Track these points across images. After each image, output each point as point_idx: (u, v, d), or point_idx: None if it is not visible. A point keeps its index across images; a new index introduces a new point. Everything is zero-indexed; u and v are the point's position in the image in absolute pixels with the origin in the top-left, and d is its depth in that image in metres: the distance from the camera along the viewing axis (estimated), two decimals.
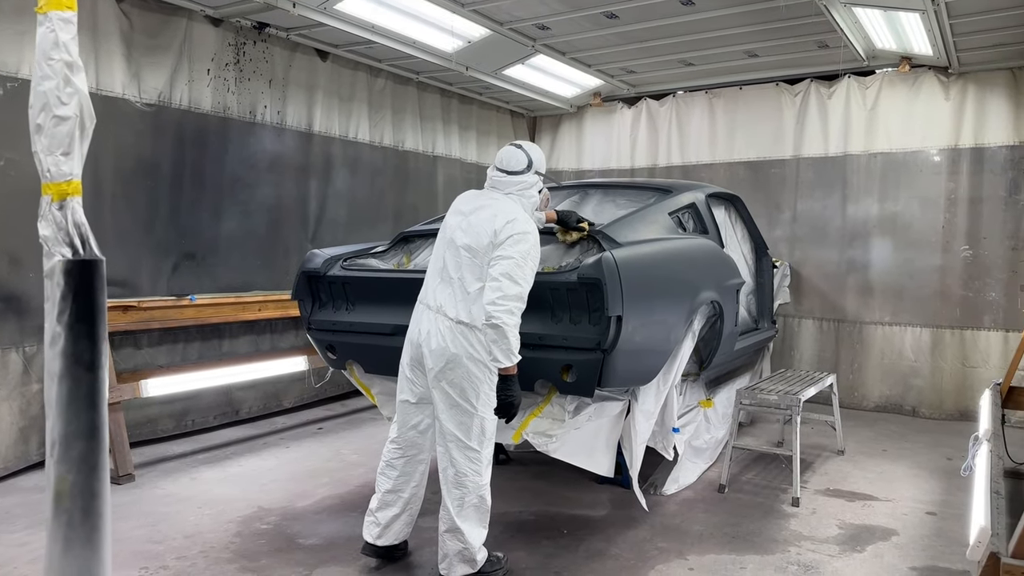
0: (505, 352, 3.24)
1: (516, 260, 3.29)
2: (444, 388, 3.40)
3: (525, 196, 3.59)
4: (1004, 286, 6.97)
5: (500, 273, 3.27)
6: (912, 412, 7.34)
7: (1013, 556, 2.30)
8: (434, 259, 3.61)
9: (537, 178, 3.65)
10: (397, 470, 3.65)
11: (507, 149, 3.67)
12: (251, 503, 4.53)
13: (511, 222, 3.38)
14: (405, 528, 3.72)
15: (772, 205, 8.04)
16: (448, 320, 3.41)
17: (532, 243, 3.38)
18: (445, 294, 3.47)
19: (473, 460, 3.42)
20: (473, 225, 3.47)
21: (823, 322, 7.89)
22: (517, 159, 3.61)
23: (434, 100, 8.13)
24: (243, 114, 6.21)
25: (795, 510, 4.57)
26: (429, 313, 3.49)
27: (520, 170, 3.60)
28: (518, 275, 3.28)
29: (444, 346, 3.38)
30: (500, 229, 3.37)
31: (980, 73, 7.04)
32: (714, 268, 4.76)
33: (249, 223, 6.34)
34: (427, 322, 3.49)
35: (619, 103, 9.06)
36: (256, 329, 6.49)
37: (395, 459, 3.66)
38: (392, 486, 3.65)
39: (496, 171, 3.64)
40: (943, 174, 7.23)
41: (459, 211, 3.61)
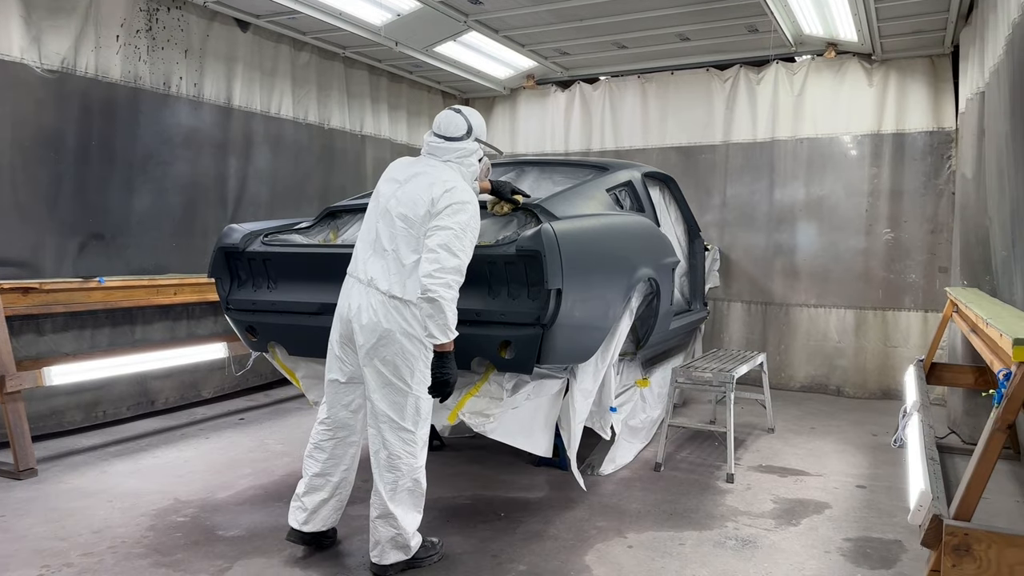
0: (441, 328, 3.06)
1: (455, 231, 3.12)
2: (376, 366, 3.22)
3: (464, 164, 3.42)
4: (923, 268, 7.20)
5: (437, 244, 3.09)
6: (837, 391, 7.52)
7: (955, 518, 2.29)
8: (365, 229, 3.41)
9: (477, 146, 3.48)
10: (326, 452, 3.46)
11: (446, 113, 3.49)
12: (167, 495, 4.24)
13: (449, 191, 3.20)
14: (333, 514, 3.52)
15: (703, 190, 8.10)
16: (380, 294, 3.22)
17: (472, 213, 3.20)
18: (378, 267, 3.27)
19: (407, 442, 3.25)
20: (409, 194, 3.29)
21: (751, 305, 8.00)
22: (456, 124, 3.44)
23: (362, 77, 7.85)
24: (156, 85, 5.82)
25: (730, 486, 4.57)
26: (360, 286, 3.30)
27: (459, 136, 3.42)
28: (456, 247, 3.10)
29: (376, 321, 3.19)
30: (438, 198, 3.19)
31: (901, 60, 7.24)
32: (651, 245, 4.70)
33: (163, 202, 5.96)
34: (358, 296, 3.29)
35: (553, 86, 8.97)
36: (172, 314, 6.13)
37: (324, 441, 3.47)
38: (320, 469, 3.45)
39: (434, 136, 3.46)
40: (866, 159, 7.42)
41: (393, 179, 3.42)
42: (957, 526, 2.23)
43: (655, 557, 3.51)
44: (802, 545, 3.69)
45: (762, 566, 3.44)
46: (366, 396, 3.31)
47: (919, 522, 2.40)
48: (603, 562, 3.44)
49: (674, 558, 3.50)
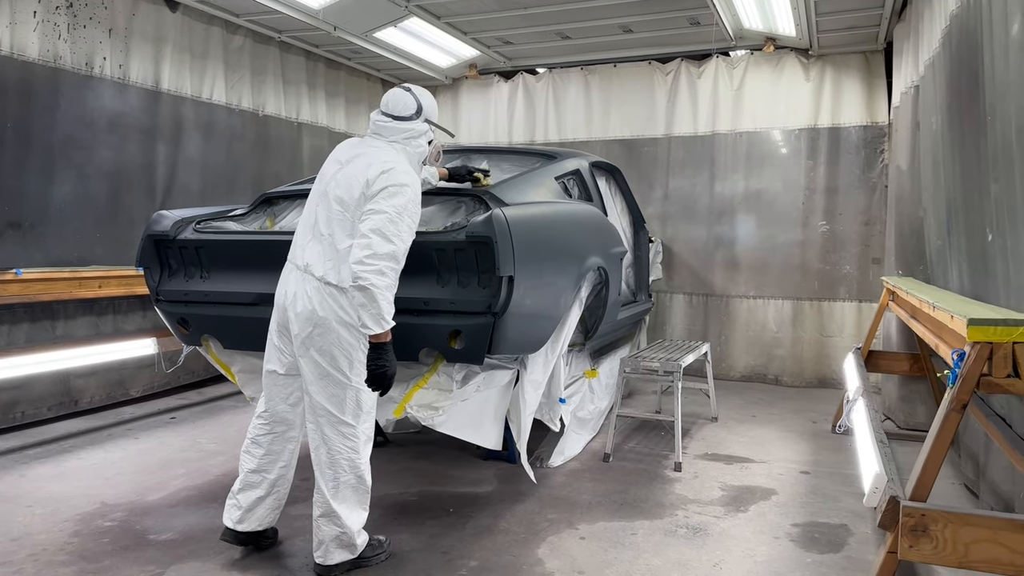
0: (375, 317, 2.90)
1: (389, 215, 2.96)
2: (313, 356, 3.07)
3: (411, 145, 3.28)
4: (858, 259, 7.39)
5: (370, 229, 2.94)
6: (775, 381, 7.66)
7: (911, 499, 2.30)
8: (306, 213, 3.25)
9: (426, 127, 3.34)
10: (263, 448, 3.30)
11: (394, 91, 3.35)
12: (92, 499, 3.98)
13: (387, 172, 3.05)
14: (271, 513, 3.36)
15: (645, 183, 8.13)
16: (316, 280, 3.07)
17: (410, 197, 3.05)
18: (314, 252, 3.12)
19: (348, 436, 3.11)
20: (347, 175, 3.14)
21: (693, 297, 8.08)
22: (405, 103, 3.29)
23: (298, 63, 7.59)
24: (78, 65, 5.48)
25: (678, 475, 4.57)
26: (297, 272, 3.15)
27: (407, 115, 3.28)
28: (391, 232, 2.94)
29: (311, 309, 3.05)
30: (373, 179, 3.04)
31: (837, 56, 7.39)
32: (600, 234, 4.66)
33: (86, 189, 5.62)
34: (294, 283, 3.14)
35: (495, 77, 8.87)
36: (96, 309, 5.79)
37: (261, 436, 3.30)
38: (256, 465, 3.29)
39: (380, 115, 3.31)
40: (803, 153, 7.56)
41: (336, 160, 3.27)
42: (914, 507, 2.23)
43: (608, 548, 3.46)
44: (752, 531, 3.70)
45: (714, 553, 3.42)
46: (305, 389, 3.16)
47: (875, 504, 2.40)
48: (556, 555, 3.37)
49: (627, 548, 3.46)
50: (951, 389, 2.28)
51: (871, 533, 3.69)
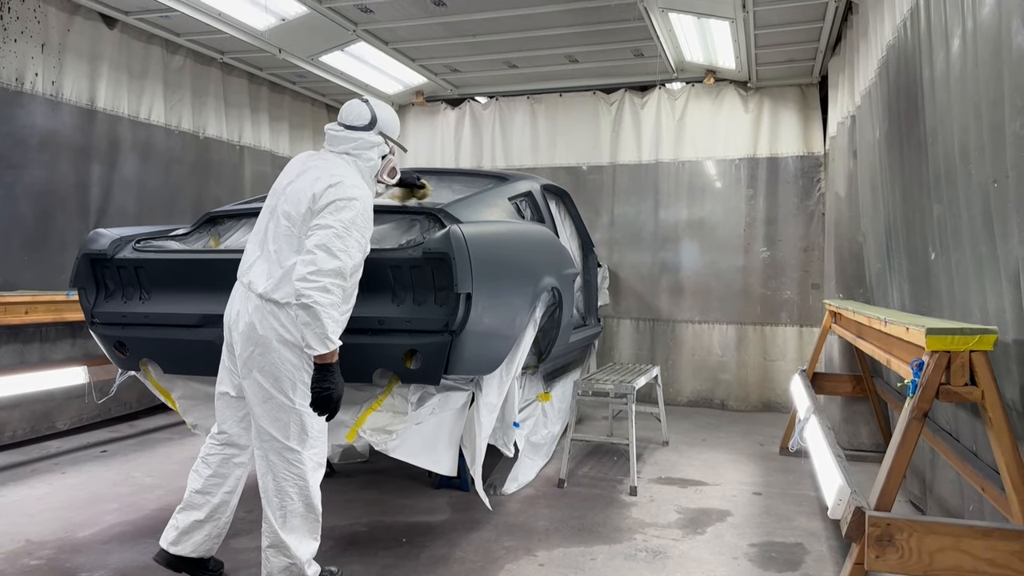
0: (319, 337, 2.78)
1: (335, 230, 2.85)
2: (255, 378, 2.95)
3: (361, 158, 3.19)
4: (798, 285, 7.58)
5: (315, 244, 2.82)
6: (721, 405, 7.74)
7: (876, 509, 2.30)
8: (256, 228, 3.15)
9: (380, 140, 3.27)
10: (211, 468, 3.15)
11: (351, 102, 3.28)
12: (16, 537, 3.71)
13: (334, 186, 2.94)
14: (208, 542, 3.18)
15: (591, 209, 8.20)
16: (256, 298, 2.95)
17: (358, 210, 2.94)
18: (260, 268, 3.02)
19: (294, 463, 2.97)
20: (295, 189, 3.04)
21: (640, 322, 8.14)
22: (359, 113, 3.23)
23: (241, 85, 7.44)
24: (7, 80, 5.24)
25: (634, 499, 4.53)
26: (241, 290, 3.05)
27: (359, 125, 3.20)
28: (336, 247, 2.82)
29: (252, 327, 2.93)
30: (320, 193, 2.93)
31: (774, 88, 7.65)
32: (554, 255, 4.64)
33: (14, 210, 5.34)
34: (238, 301, 3.04)
35: (442, 104, 8.87)
36: (22, 336, 5.47)
37: (210, 455, 3.17)
38: (201, 486, 3.14)
39: (335, 125, 3.23)
40: (743, 182, 7.76)
41: (288, 173, 3.18)
42: (879, 517, 2.24)
43: (567, 574, 3.38)
44: (710, 553, 3.68)
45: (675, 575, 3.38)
46: (252, 413, 3.03)
47: (839, 516, 2.40)
48: None
49: (587, 573, 3.39)
50: (911, 398, 2.31)
51: (826, 551, 3.71)
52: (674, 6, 5.85)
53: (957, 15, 2.91)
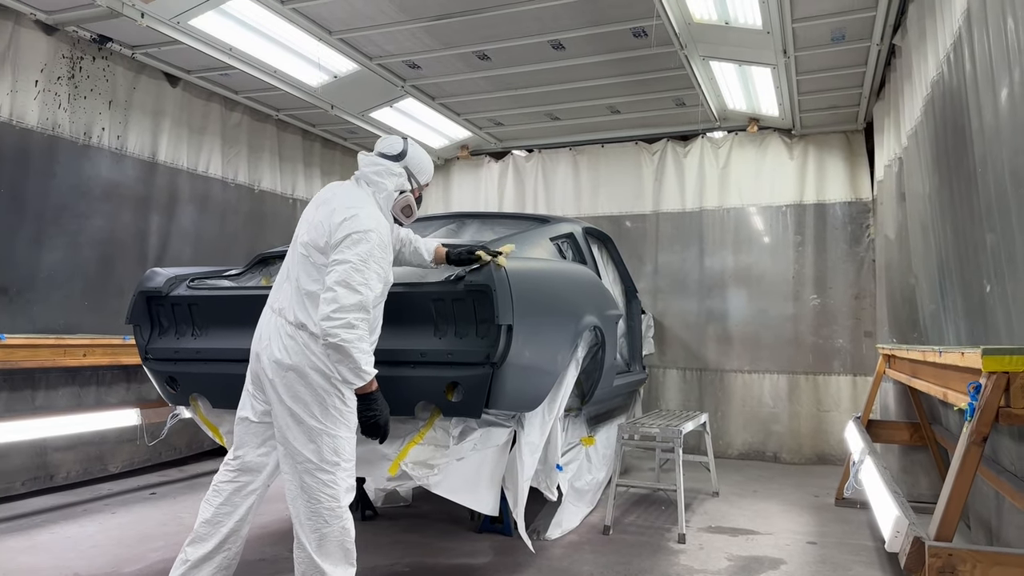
0: (353, 371, 2.84)
1: (353, 264, 2.87)
2: (287, 403, 2.95)
3: (378, 186, 3.17)
4: (850, 332, 7.39)
5: (335, 282, 2.84)
6: (774, 458, 7.50)
7: (937, 539, 2.19)
8: (287, 258, 3.20)
9: (403, 172, 3.25)
10: (222, 497, 3.10)
11: (388, 136, 3.38)
12: (64, 570, 3.76)
13: (349, 219, 2.96)
14: (218, 573, 3.10)
15: (635, 258, 8.18)
16: (289, 324, 2.98)
17: (375, 242, 2.94)
18: (286, 295, 3.06)
19: (327, 484, 2.93)
20: (316, 220, 3.08)
21: (686, 371, 8.01)
22: (392, 143, 3.28)
23: (295, 141, 7.74)
24: (76, 135, 5.55)
25: (682, 546, 4.38)
26: (270, 316, 3.08)
27: (389, 155, 3.23)
28: (356, 281, 2.85)
29: (284, 354, 2.95)
30: (336, 227, 2.96)
31: (819, 135, 7.63)
32: (596, 295, 4.63)
33: (77, 257, 5.58)
34: (267, 326, 3.06)
35: (486, 157, 9.06)
36: (79, 379, 5.65)
37: (223, 483, 3.12)
38: (211, 515, 3.08)
39: (364, 153, 3.29)
40: (790, 228, 7.68)
41: (314, 203, 3.23)
42: (940, 547, 2.13)
43: None
44: None
45: None
46: (278, 438, 3.02)
47: (897, 548, 2.29)
48: None
49: None
50: (969, 423, 2.22)
51: None
52: (715, 54, 5.93)
53: (1000, 40, 2.89)
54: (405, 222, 3.36)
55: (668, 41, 5.62)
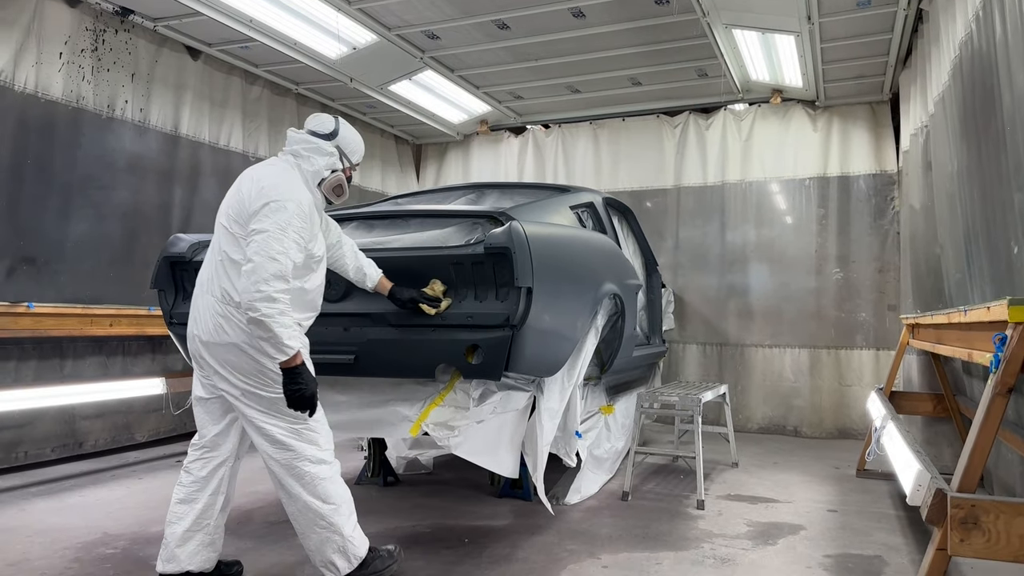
0: (275, 346, 2.74)
1: (271, 232, 2.77)
2: (237, 382, 2.90)
3: (306, 160, 3.07)
4: (873, 306, 7.31)
5: (253, 252, 2.75)
6: (795, 432, 7.47)
7: (959, 490, 2.18)
8: (213, 237, 3.10)
9: (336, 152, 3.12)
10: (192, 475, 3.07)
11: (316, 114, 3.29)
12: (94, 530, 3.84)
13: (268, 187, 2.87)
14: (203, 551, 3.04)
15: (655, 233, 8.13)
16: (218, 302, 2.91)
17: (293, 211, 2.83)
18: (212, 272, 2.98)
19: (309, 441, 2.94)
20: (240, 195, 2.98)
21: (706, 346, 7.98)
22: (323, 121, 3.17)
23: None
24: (100, 107, 5.60)
25: (701, 512, 4.39)
26: (201, 296, 2.99)
27: (321, 133, 3.13)
28: (275, 250, 2.75)
29: (219, 333, 2.90)
30: (253, 197, 2.87)
31: (843, 107, 7.51)
32: (616, 264, 4.63)
33: (102, 228, 5.65)
34: (200, 308, 2.98)
35: (506, 132, 9.03)
36: (106, 349, 5.74)
37: (191, 463, 3.09)
38: (184, 495, 3.05)
39: (294, 129, 3.18)
40: (814, 201, 7.59)
41: (239, 180, 3.12)
42: (963, 498, 2.12)
43: None
44: (782, 562, 3.52)
45: None
46: (242, 418, 2.98)
47: (919, 502, 2.28)
48: None
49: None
50: (995, 374, 2.19)
51: (907, 564, 3.51)
52: (738, 22, 5.85)
53: None
54: (336, 201, 3.24)
55: (690, 8, 5.55)
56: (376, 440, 5.00)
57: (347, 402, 3.69)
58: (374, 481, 4.97)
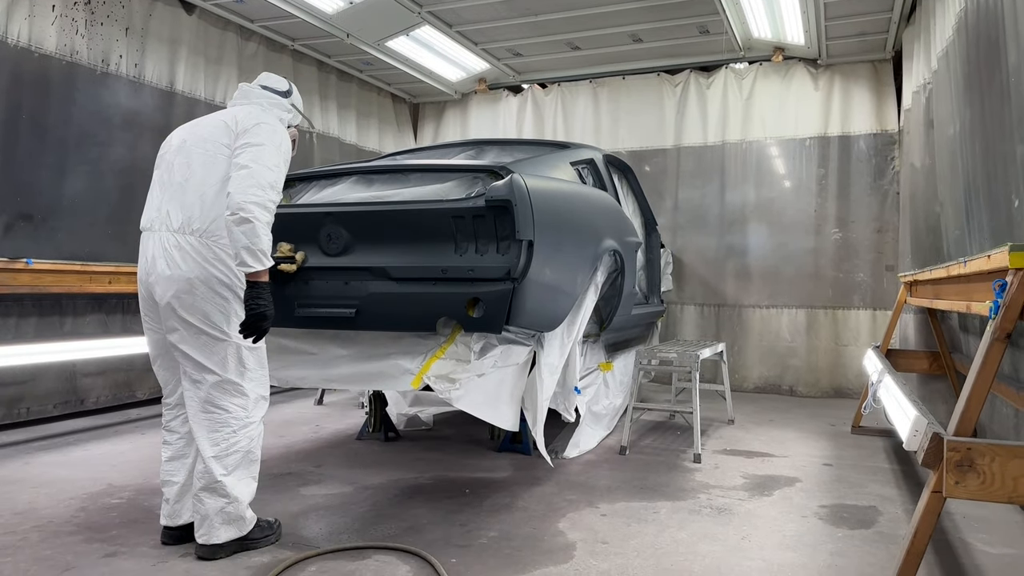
0: (254, 253, 2.66)
1: (267, 147, 2.78)
2: (183, 317, 2.80)
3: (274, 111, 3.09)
4: (871, 267, 7.33)
5: (249, 159, 2.73)
6: (790, 391, 7.54)
7: (956, 434, 2.21)
8: (155, 184, 3.00)
9: (291, 109, 3.18)
10: (176, 433, 3.06)
11: (266, 72, 3.27)
12: (99, 481, 3.89)
13: (254, 114, 2.92)
14: None
15: (655, 194, 8.10)
16: (177, 236, 2.80)
17: (283, 136, 2.91)
18: (173, 207, 2.84)
19: (235, 394, 2.87)
20: (207, 125, 2.94)
21: (704, 307, 8.01)
22: (279, 80, 3.20)
23: (311, 73, 7.66)
24: (94, 62, 5.53)
25: (698, 466, 4.45)
26: (153, 236, 2.87)
27: (279, 90, 3.16)
28: (270, 161, 2.76)
29: (174, 267, 2.79)
30: (242, 119, 2.87)
31: (845, 65, 7.44)
32: (616, 220, 4.62)
33: (100, 186, 5.61)
34: (152, 247, 2.86)
35: (504, 91, 8.94)
36: (106, 307, 5.75)
37: (170, 422, 3.08)
38: (172, 453, 3.05)
39: (248, 84, 3.16)
40: (814, 161, 7.57)
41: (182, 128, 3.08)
42: (959, 441, 2.15)
43: (630, 523, 3.34)
44: (778, 511, 3.58)
45: (741, 529, 3.31)
46: (178, 355, 2.87)
47: (916, 447, 2.31)
48: (577, 528, 3.26)
49: (650, 523, 3.34)
50: (993, 320, 2.21)
51: (901, 513, 3.57)
52: None
53: None
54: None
55: None
56: (377, 396, 5.04)
57: (349, 356, 3.70)
58: (375, 436, 5.02)
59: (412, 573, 2.73)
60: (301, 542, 3.07)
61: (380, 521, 3.32)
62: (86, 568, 2.74)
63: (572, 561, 2.87)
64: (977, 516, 3.52)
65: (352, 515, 3.41)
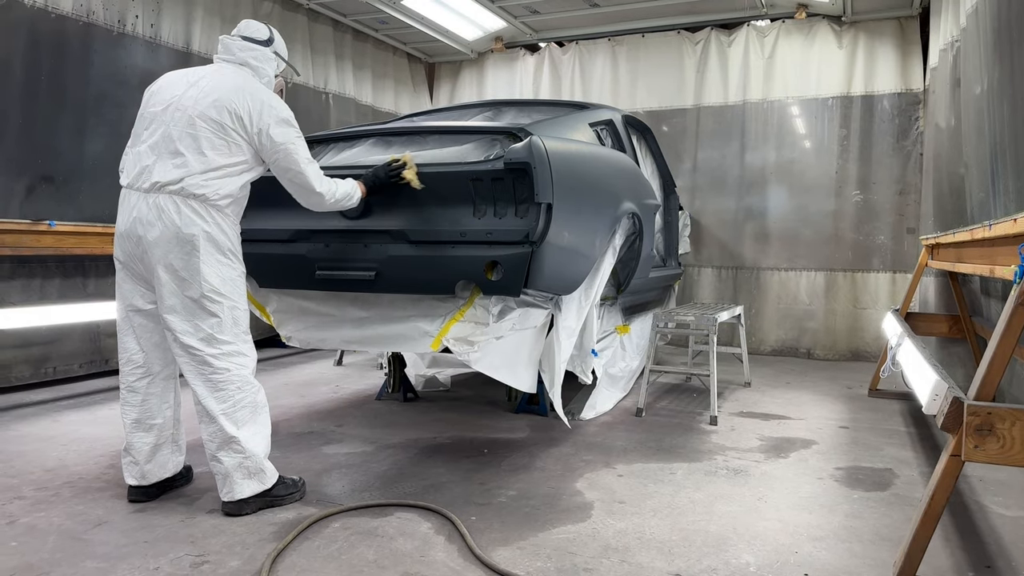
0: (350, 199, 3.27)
1: (296, 144, 3.01)
2: (178, 274, 2.84)
3: (260, 72, 3.10)
4: (892, 229, 7.25)
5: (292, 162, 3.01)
6: (807, 354, 7.53)
7: (977, 398, 2.21)
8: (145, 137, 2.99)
9: (274, 57, 3.17)
10: (140, 394, 3.04)
11: (249, 20, 3.24)
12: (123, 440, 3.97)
13: (264, 104, 2.93)
14: (174, 456, 3.15)
15: (673, 155, 8.03)
16: (175, 198, 2.82)
17: (292, 118, 3.04)
18: (171, 170, 2.84)
19: (231, 354, 2.90)
20: (208, 94, 2.90)
21: (722, 270, 7.98)
22: (259, 28, 3.16)
23: (326, 32, 7.59)
24: (110, 22, 5.51)
25: (714, 428, 4.48)
26: (144, 197, 2.87)
27: (259, 40, 3.12)
28: (304, 157, 3.05)
29: (175, 227, 2.81)
30: (255, 112, 2.89)
31: (870, 22, 7.27)
32: (635, 182, 4.59)
33: (118, 147, 5.37)
34: (144, 207, 2.86)
35: (521, 50, 8.82)
36: None
37: (135, 381, 3.04)
38: (138, 414, 3.04)
39: (232, 37, 3.13)
40: (836, 121, 7.44)
41: (173, 84, 3.03)
42: (979, 406, 2.15)
43: (647, 484, 3.39)
44: (794, 473, 3.61)
45: (757, 490, 3.34)
46: (168, 323, 2.88)
47: (935, 411, 2.31)
48: (595, 488, 3.31)
49: (666, 484, 3.39)
50: (1018, 284, 2.19)
51: (917, 476, 3.59)
52: None
53: None
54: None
55: None
56: (396, 358, 5.09)
57: (368, 318, 3.74)
58: (394, 397, 5.09)
59: (433, 530, 2.79)
60: (325, 499, 3.14)
61: (401, 479, 3.39)
62: (118, 522, 2.83)
63: (590, 520, 2.92)
64: (993, 479, 3.53)
65: (373, 473, 3.48)
